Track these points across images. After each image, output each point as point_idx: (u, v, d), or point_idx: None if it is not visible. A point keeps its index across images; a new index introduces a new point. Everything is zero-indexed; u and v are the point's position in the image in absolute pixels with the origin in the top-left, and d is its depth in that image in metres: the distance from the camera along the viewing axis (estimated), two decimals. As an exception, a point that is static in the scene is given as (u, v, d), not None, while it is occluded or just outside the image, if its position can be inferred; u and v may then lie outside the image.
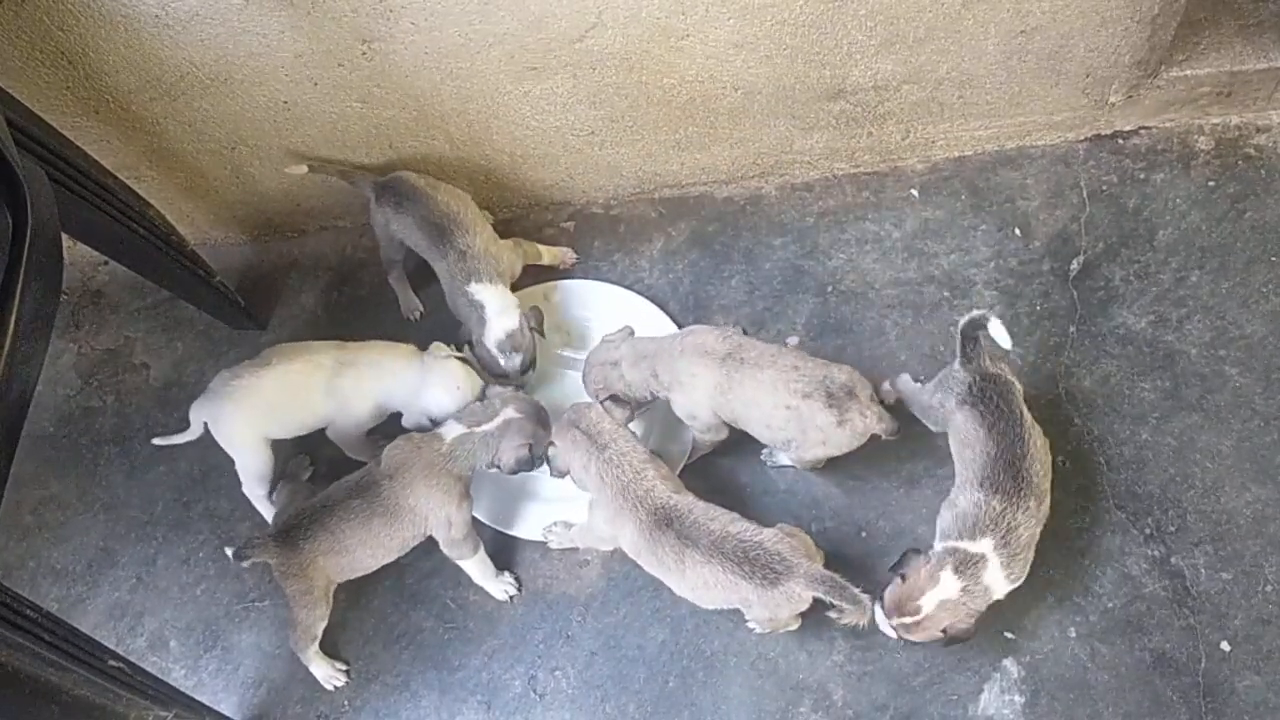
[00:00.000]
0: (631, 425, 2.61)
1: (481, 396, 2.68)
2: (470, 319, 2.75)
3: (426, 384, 2.68)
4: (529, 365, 2.78)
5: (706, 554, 2.28)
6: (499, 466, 2.56)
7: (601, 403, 2.56)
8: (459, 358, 2.75)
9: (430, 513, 2.52)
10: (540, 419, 2.58)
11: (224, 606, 2.81)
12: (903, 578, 2.31)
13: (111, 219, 2.54)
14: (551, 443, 2.53)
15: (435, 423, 2.64)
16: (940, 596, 2.26)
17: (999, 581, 2.29)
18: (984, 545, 2.28)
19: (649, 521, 2.34)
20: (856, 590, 2.23)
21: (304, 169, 2.95)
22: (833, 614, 2.32)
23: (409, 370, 2.71)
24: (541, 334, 2.79)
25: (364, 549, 2.51)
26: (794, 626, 2.50)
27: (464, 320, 2.78)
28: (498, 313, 2.72)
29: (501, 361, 2.73)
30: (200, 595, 2.84)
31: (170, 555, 2.90)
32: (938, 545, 2.36)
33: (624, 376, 2.58)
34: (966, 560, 2.27)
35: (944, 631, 2.28)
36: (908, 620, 2.28)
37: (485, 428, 2.53)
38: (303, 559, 2.47)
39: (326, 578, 2.53)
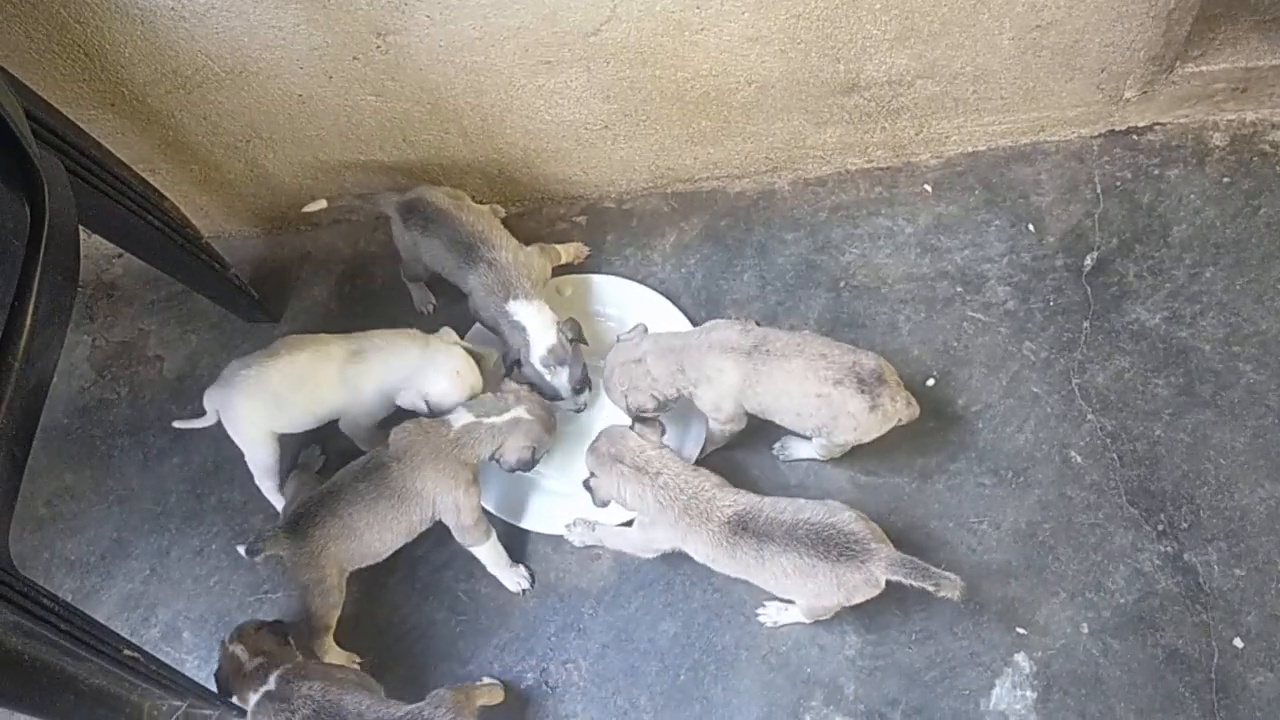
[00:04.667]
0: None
1: (482, 391, 2.69)
2: (515, 340, 2.71)
3: (427, 363, 2.67)
4: (582, 383, 2.73)
5: (783, 544, 2.27)
6: (499, 461, 2.58)
7: (632, 426, 2.52)
8: (465, 347, 2.75)
9: (438, 498, 2.53)
10: (548, 424, 2.62)
11: (237, 598, 2.83)
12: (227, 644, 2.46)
13: (127, 211, 2.55)
14: (592, 474, 2.51)
15: (430, 407, 2.64)
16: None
17: None
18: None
19: (721, 533, 2.33)
20: (937, 569, 2.21)
21: (323, 204, 2.98)
22: (930, 588, 2.25)
23: (413, 352, 2.70)
24: (584, 341, 2.74)
25: (372, 532, 2.52)
26: (827, 616, 2.50)
27: (506, 340, 2.74)
28: (538, 331, 2.68)
29: (548, 377, 2.69)
30: (213, 586, 2.85)
31: (184, 547, 2.92)
32: None
33: (650, 372, 2.57)
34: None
35: None
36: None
37: (494, 420, 2.56)
38: (314, 547, 2.48)
39: (338, 565, 2.54)
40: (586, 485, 2.53)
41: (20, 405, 1.92)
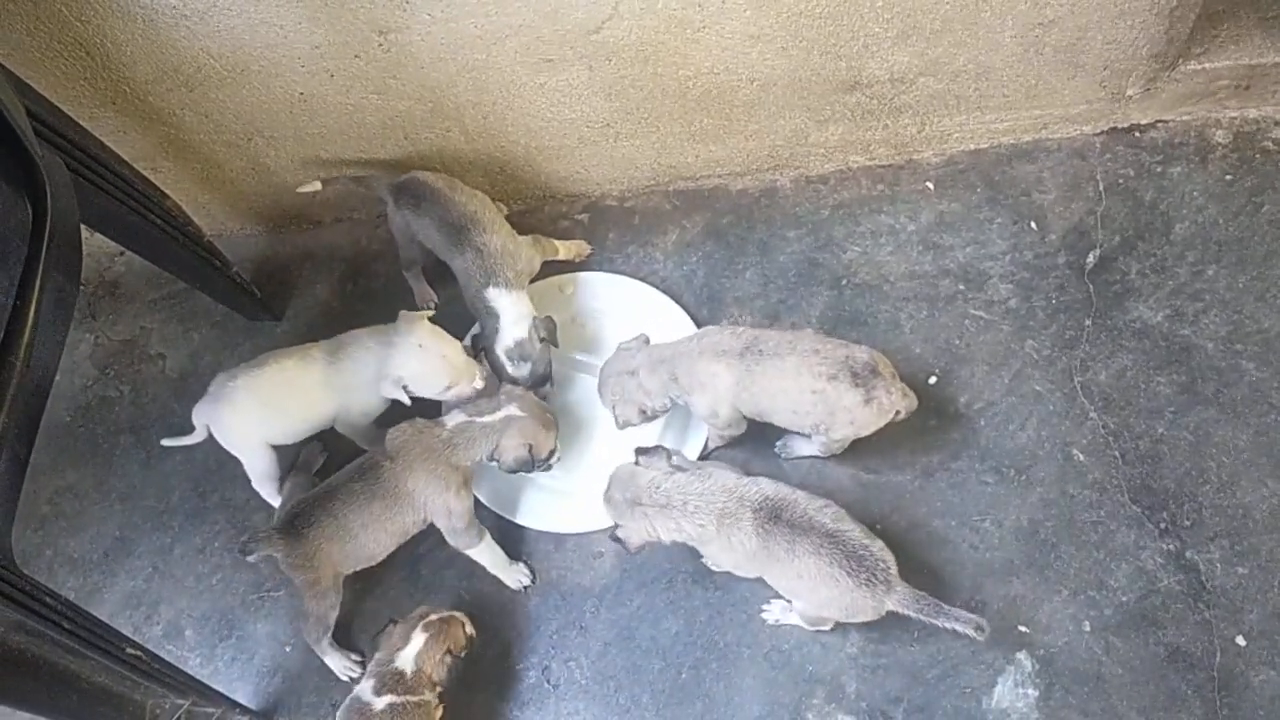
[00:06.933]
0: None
1: (463, 361, 2.68)
2: (486, 324, 2.73)
3: (390, 346, 2.65)
4: (543, 378, 2.75)
5: (816, 546, 2.26)
6: (498, 462, 2.57)
7: (636, 461, 2.47)
8: (430, 318, 2.73)
9: (429, 500, 2.53)
10: (544, 421, 2.59)
11: (239, 596, 2.83)
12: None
13: (129, 209, 2.56)
14: (616, 524, 2.44)
15: (411, 391, 2.63)
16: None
17: None
18: None
19: (757, 520, 2.30)
20: (954, 609, 2.25)
21: (318, 185, 2.97)
22: (943, 625, 2.29)
23: (374, 341, 2.69)
24: (554, 343, 2.74)
25: (366, 533, 2.51)
26: (826, 627, 2.51)
27: (481, 323, 2.76)
28: (511, 322, 2.69)
29: (510, 369, 2.72)
30: (216, 584, 2.85)
31: (186, 545, 2.92)
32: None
33: (642, 385, 2.57)
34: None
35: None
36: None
37: (486, 419, 2.54)
38: (308, 548, 2.48)
39: (334, 566, 2.53)
40: (614, 538, 2.45)
41: (22, 404, 1.92)
